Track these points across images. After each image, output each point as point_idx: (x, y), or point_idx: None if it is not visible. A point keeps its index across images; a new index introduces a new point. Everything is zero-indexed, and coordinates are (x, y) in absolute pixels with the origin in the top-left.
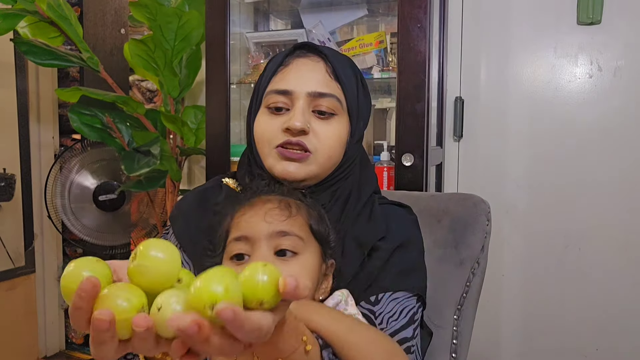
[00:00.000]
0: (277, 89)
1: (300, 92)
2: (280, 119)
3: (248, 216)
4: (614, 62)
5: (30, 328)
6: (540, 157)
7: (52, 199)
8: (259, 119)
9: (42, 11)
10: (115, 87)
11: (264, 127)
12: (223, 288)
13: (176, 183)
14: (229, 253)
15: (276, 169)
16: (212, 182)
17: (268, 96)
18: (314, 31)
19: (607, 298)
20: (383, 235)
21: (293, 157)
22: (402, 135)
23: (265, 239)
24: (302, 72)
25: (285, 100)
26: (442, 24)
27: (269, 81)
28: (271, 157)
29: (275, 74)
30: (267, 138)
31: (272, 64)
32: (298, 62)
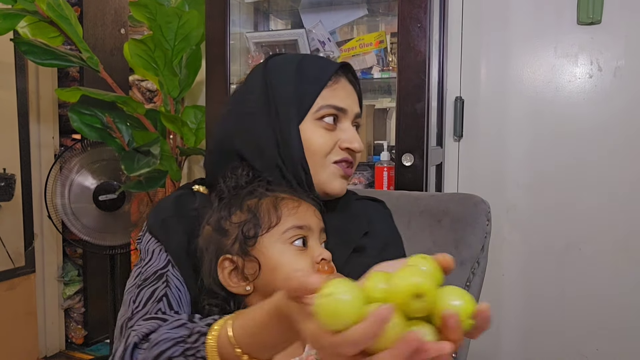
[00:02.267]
0: (336, 105)
1: (351, 111)
2: (334, 135)
3: (303, 209)
4: (614, 62)
5: (30, 328)
6: (541, 157)
7: (52, 199)
8: (312, 129)
9: (42, 11)
10: (115, 87)
11: (321, 140)
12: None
13: (176, 183)
14: (291, 237)
15: (333, 185)
16: (183, 190)
17: (324, 109)
18: (314, 31)
19: (607, 298)
20: (366, 230)
21: (349, 174)
22: (402, 135)
23: (317, 232)
24: (349, 92)
25: (339, 115)
26: (442, 24)
27: (318, 92)
28: (327, 172)
29: (326, 87)
30: (325, 151)
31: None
32: (343, 82)
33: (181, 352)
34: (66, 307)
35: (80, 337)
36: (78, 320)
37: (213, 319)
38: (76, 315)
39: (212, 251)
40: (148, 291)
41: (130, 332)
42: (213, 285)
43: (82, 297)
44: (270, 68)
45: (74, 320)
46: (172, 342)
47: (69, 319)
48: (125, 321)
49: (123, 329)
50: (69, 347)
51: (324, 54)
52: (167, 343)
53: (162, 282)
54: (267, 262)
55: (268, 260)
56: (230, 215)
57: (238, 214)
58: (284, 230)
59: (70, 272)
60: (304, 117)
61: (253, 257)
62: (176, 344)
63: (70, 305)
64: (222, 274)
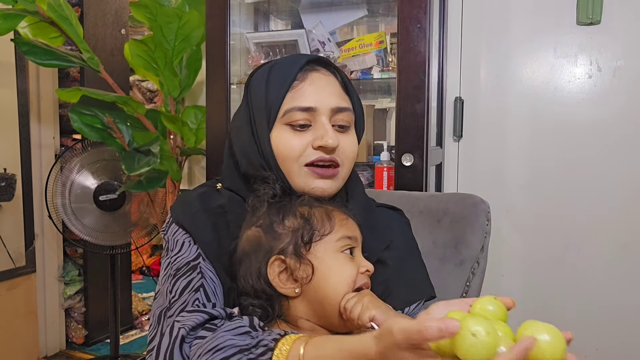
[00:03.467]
0: (300, 106)
1: (323, 108)
2: (306, 136)
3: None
4: (614, 63)
5: (30, 328)
6: (540, 157)
7: (52, 198)
8: (279, 135)
9: (42, 11)
10: (116, 88)
11: (289, 145)
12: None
13: (176, 183)
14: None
15: (309, 187)
16: (205, 188)
17: (289, 113)
18: (314, 31)
19: (607, 298)
20: (389, 243)
21: (327, 175)
22: (402, 135)
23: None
24: (321, 87)
25: (308, 116)
26: (442, 24)
27: (282, 97)
28: (301, 176)
29: (290, 89)
30: (295, 156)
31: (281, 77)
32: (313, 77)
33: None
34: (67, 307)
35: (81, 336)
36: (78, 320)
37: (278, 333)
38: (77, 315)
39: (263, 252)
40: (184, 281)
41: (174, 323)
42: (260, 285)
43: (82, 297)
44: (250, 81)
45: (74, 320)
46: (236, 349)
47: (70, 318)
48: (163, 310)
49: (161, 318)
50: (70, 346)
51: (324, 54)
52: (232, 349)
53: (197, 272)
54: (320, 266)
55: (321, 264)
56: (283, 220)
57: (291, 219)
58: (337, 239)
59: (71, 272)
60: (274, 124)
61: (308, 260)
62: (240, 352)
63: (70, 305)
64: (272, 274)
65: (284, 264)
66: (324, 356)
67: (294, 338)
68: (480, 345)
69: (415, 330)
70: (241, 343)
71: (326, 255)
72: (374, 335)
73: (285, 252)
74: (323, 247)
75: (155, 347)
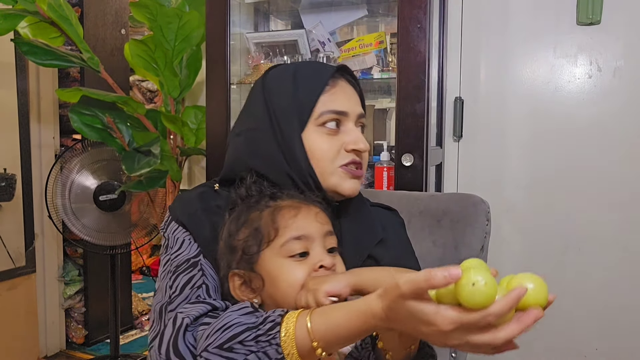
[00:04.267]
0: (335, 109)
1: (353, 113)
2: (337, 139)
3: (301, 217)
4: (614, 63)
5: (30, 328)
6: (540, 157)
7: (52, 198)
8: (314, 137)
9: (42, 11)
10: (116, 88)
11: (325, 146)
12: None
13: (176, 183)
14: (288, 251)
15: (343, 187)
16: (204, 188)
17: (323, 115)
18: (314, 31)
19: (607, 298)
20: (381, 238)
21: (358, 175)
22: (402, 135)
23: (320, 238)
24: (349, 94)
25: (340, 119)
26: (442, 25)
27: (316, 98)
28: (336, 176)
29: (323, 93)
30: (330, 157)
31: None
32: (341, 84)
33: (253, 337)
34: (67, 307)
35: (81, 336)
36: (78, 320)
37: (283, 310)
38: (77, 315)
39: (225, 266)
40: (184, 277)
41: (177, 314)
42: (227, 297)
43: (82, 297)
44: (268, 83)
45: (74, 320)
46: (244, 327)
47: (70, 318)
48: (164, 305)
49: (162, 312)
50: (70, 346)
51: (324, 54)
52: (240, 327)
53: (197, 270)
54: (268, 276)
55: (268, 274)
56: (238, 232)
57: (243, 230)
58: (281, 244)
59: (71, 272)
60: (306, 126)
61: (256, 272)
62: (248, 329)
63: (70, 305)
64: (233, 288)
65: (241, 278)
66: (331, 322)
67: (298, 312)
68: (478, 293)
69: (422, 279)
70: (248, 321)
71: (272, 263)
72: (379, 294)
73: (240, 266)
74: (269, 255)
75: (158, 337)
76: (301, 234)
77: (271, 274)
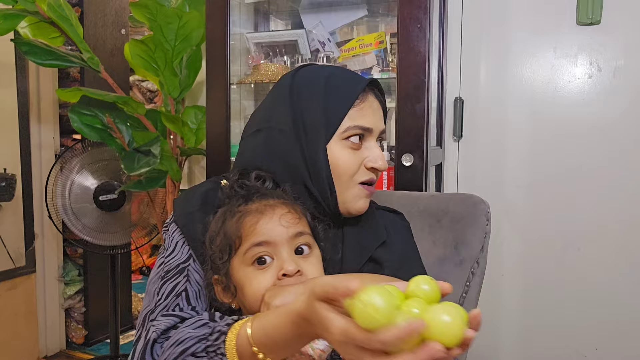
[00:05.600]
0: (362, 125)
1: (376, 130)
2: (359, 155)
3: (263, 223)
4: (614, 63)
5: (30, 328)
6: (540, 157)
7: (52, 199)
8: (338, 149)
9: (42, 12)
10: (116, 88)
11: (349, 161)
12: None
13: (176, 183)
14: (251, 258)
15: (356, 206)
16: (211, 184)
17: (350, 130)
18: (314, 31)
19: (606, 298)
20: (384, 240)
21: (371, 192)
22: (402, 135)
23: (286, 242)
24: (375, 109)
25: (365, 134)
26: (442, 24)
27: (346, 112)
28: (353, 192)
29: (353, 106)
30: (351, 172)
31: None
32: (370, 99)
33: (203, 348)
34: (67, 307)
35: (81, 336)
36: (78, 320)
37: (233, 319)
38: (76, 315)
39: (209, 270)
40: (170, 285)
41: (149, 327)
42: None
43: (82, 297)
44: (297, 84)
45: (74, 320)
46: (195, 340)
47: (70, 318)
48: (148, 313)
49: (146, 320)
50: (70, 346)
51: (324, 55)
52: (191, 341)
53: (183, 276)
54: (237, 284)
55: (237, 282)
56: (216, 237)
57: (217, 239)
58: (244, 252)
59: (71, 272)
60: (332, 137)
61: (231, 279)
62: (199, 341)
63: (70, 305)
64: (217, 292)
65: (222, 283)
66: (267, 326)
67: (244, 320)
68: (365, 314)
69: (330, 285)
70: (199, 333)
71: (238, 271)
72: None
73: (219, 271)
74: (237, 263)
75: (134, 348)
76: (262, 239)
77: (239, 282)
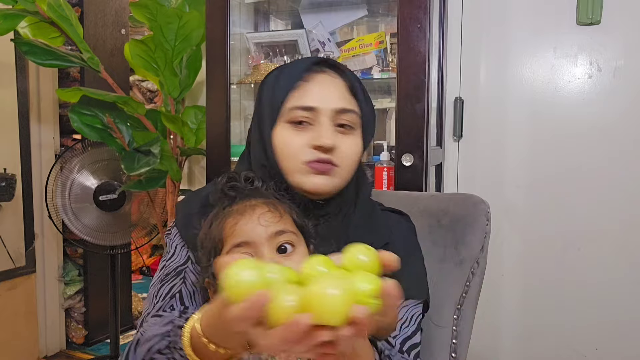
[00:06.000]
0: (302, 105)
1: (325, 108)
2: (306, 135)
3: (242, 223)
4: (614, 63)
5: (30, 328)
6: (540, 157)
7: (52, 198)
8: (281, 133)
9: (42, 11)
10: (116, 88)
11: (289, 142)
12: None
13: (176, 183)
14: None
15: (307, 184)
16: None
17: (291, 112)
18: (314, 31)
19: (606, 298)
20: (386, 242)
21: (323, 170)
22: (402, 135)
23: (266, 241)
24: (324, 88)
25: (309, 115)
26: (442, 25)
27: (286, 95)
28: (299, 173)
29: (294, 89)
30: (294, 153)
31: (287, 77)
32: (318, 78)
33: (166, 345)
34: (67, 307)
35: (81, 336)
36: (78, 320)
37: (193, 313)
38: (77, 315)
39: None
40: (168, 287)
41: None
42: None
43: (82, 297)
44: (263, 80)
45: (74, 320)
46: (159, 337)
47: (70, 318)
48: (145, 316)
49: (142, 323)
50: (70, 346)
51: (324, 55)
52: (156, 338)
53: (179, 278)
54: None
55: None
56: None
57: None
58: (226, 254)
59: (71, 272)
60: (276, 122)
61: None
62: (163, 338)
63: (70, 305)
64: (209, 293)
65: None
66: (208, 313)
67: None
68: (227, 289)
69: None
70: (163, 331)
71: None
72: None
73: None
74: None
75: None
76: (241, 240)
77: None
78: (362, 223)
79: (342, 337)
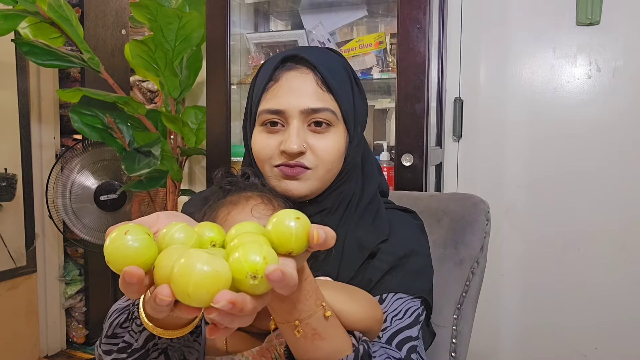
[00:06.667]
0: (270, 108)
1: (293, 110)
2: (277, 138)
3: (235, 213)
4: (613, 63)
5: (31, 327)
6: (539, 157)
7: (53, 198)
8: (256, 136)
9: (43, 12)
10: (116, 88)
11: (261, 145)
12: (262, 258)
13: (177, 183)
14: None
15: (278, 189)
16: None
17: (262, 115)
18: (314, 32)
19: (606, 297)
20: (385, 238)
21: (292, 174)
22: (401, 135)
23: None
24: (293, 88)
25: (280, 118)
26: (442, 25)
27: (260, 98)
28: (272, 177)
29: (265, 91)
30: (266, 157)
31: (261, 78)
32: (288, 77)
33: (125, 318)
34: (67, 307)
35: (82, 336)
36: (79, 320)
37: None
38: (77, 315)
39: None
40: None
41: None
42: None
43: (83, 297)
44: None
45: (75, 320)
46: (121, 311)
47: (70, 318)
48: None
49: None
50: (70, 346)
51: None
52: (118, 312)
53: None
54: None
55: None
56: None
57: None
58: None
59: (72, 272)
60: (254, 124)
61: None
62: (124, 311)
63: (71, 304)
64: None
65: None
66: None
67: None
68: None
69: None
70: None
71: None
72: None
73: None
74: None
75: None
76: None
77: None
78: (363, 219)
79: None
